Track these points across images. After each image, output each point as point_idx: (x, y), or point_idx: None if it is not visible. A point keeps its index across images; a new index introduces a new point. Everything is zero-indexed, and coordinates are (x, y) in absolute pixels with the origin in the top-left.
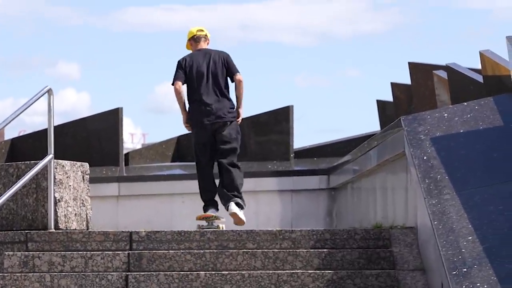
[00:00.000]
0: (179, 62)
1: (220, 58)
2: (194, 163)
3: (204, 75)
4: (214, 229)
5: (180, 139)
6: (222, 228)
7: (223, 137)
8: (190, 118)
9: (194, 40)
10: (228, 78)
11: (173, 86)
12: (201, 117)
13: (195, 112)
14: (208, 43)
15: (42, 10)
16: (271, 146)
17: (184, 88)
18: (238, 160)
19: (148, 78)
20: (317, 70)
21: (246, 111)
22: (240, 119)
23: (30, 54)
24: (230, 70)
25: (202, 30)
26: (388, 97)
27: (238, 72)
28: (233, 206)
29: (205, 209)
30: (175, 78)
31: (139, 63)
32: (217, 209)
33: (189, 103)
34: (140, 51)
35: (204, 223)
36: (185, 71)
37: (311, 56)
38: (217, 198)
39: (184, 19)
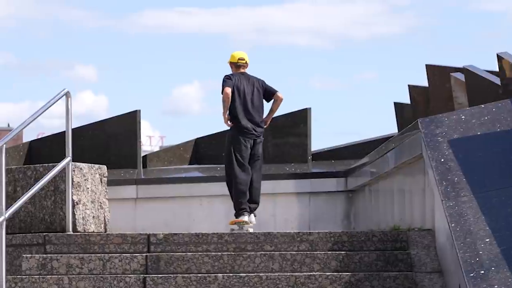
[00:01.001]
0: (228, 76)
1: (259, 83)
2: (211, 165)
3: (249, 95)
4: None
5: (198, 141)
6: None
7: (257, 152)
8: (237, 124)
9: (235, 65)
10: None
11: (224, 90)
12: (248, 127)
13: (242, 121)
14: (247, 68)
15: (57, 13)
16: (288, 149)
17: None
18: None
19: (165, 81)
20: (333, 72)
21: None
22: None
23: (46, 57)
24: (269, 91)
25: (243, 59)
26: (406, 99)
27: (278, 90)
28: (252, 219)
29: (240, 213)
30: (227, 85)
31: (155, 65)
32: (249, 215)
33: (234, 114)
34: (157, 53)
35: (236, 227)
36: (233, 85)
37: (327, 59)
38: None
39: (199, 22)
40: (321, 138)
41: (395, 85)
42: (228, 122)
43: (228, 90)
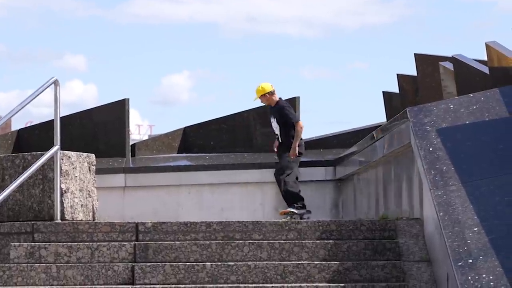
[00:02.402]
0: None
1: None
2: (199, 154)
3: None
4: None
5: (186, 130)
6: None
7: None
8: (301, 150)
9: (271, 93)
10: None
11: (300, 123)
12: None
13: (302, 147)
14: None
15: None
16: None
17: None
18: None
19: (155, 70)
20: (323, 62)
21: (251, 103)
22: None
23: (36, 47)
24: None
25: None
26: (394, 88)
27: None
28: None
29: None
30: (298, 117)
31: (145, 55)
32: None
33: (294, 139)
34: (147, 43)
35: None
36: None
37: (317, 48)
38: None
39: (190, 11)
40: (311, 127)
41: (384, 74)
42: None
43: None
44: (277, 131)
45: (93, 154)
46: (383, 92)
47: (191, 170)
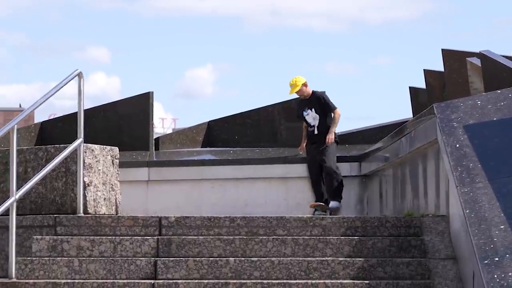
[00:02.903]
0: None
1: None
2: (224, 149)
3: None
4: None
5: (210, 124)
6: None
7: None
8: (337, 139)
9: (306, 85)
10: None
11: (338, 110)
12: None
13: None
14: None
15: None
16: (301, 132)
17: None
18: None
19: (178, 63)
20: (347, 57)
21: (276, 98)
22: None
23: (58, 38)
24: None
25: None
26: (421, 84)
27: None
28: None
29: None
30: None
31: (169, 48)
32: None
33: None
34: (170, 36)
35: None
36: None
37: (342, 43)
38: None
39: (214, 4)
40: None
41: (410, 70)
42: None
43: None
44: (314, 122)
45: (117, 148)
46: (410, 87)
47: (215, 164)
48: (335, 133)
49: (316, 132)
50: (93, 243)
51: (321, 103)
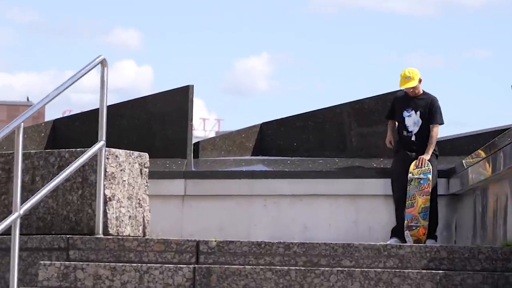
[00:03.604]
0: None
1: None
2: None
3: None
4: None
5: (263, 127)
6: None
7: None
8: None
9: (420, 81)
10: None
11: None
12: None
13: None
14: None
15: None
16: (377, 140)
17: None
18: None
19: (226, 51)
20: (436, 47)
21: (347, 95)
22: None
23: (78, 18)
24: None
25: None
26: None
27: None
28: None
29: None
30: None
31: (215, 32)
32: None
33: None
34: (217, 17)
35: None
36: None
37: (430, 30)
38: None
39: None
40: None
41: None
42: None
43: None
44: (414, 128)
45: (147, 154)
46: None
47: (268, 177)
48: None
49: (413, 139)
50: (114, 272)
51: (431, 109)
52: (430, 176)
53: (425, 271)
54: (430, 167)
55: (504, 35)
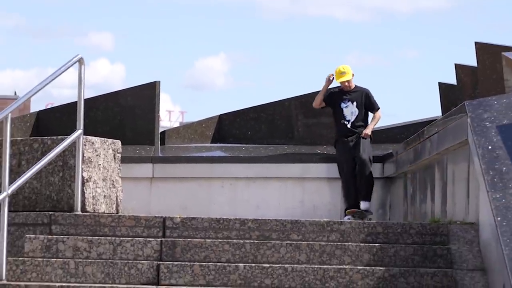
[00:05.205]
0: None
1: None
2: (235, 145)
3: None
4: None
5: (221, 118)
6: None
7: None
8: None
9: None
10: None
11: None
12: None
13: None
14: None
15: None
16: (321, 129)
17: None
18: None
19: (188, 52)
20: (371, 49)
21: (294, 90)
22: None
23: (58, 21)
24: None
25: None
26: (452, 80)
27: None
28: None
29: None
30: None
31: (178, 34)
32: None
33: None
34: (180, 22)
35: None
36: None
37: (366, 34)
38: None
39: None
40: None
41: (440, 64)
42: None
43: None
44: (351, 117)
45: (119, 141)
46: (439, 83)
47: (226, 162)
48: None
49: (349, 126)
50: (91, 244)
51: (366, 99)
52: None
53: (363, 244)
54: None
55: (430, 38)
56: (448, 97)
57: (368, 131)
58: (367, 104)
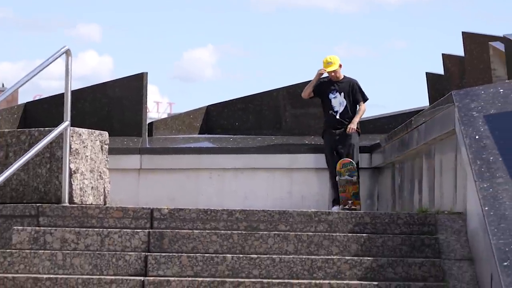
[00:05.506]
0: None
1: None
2: (223, 136)
3: None
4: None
5: (209, 109)
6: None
7: None
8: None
9: (341, 66)
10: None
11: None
12: None
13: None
14: None
15: None
16: (308, 120)
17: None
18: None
19: (176, 43)
20: (360, 39)
21: (282, 81)
22: None
23: (46, 14)
24: None
25: None
26: (439, 69)
27: None
28: None
29: None
30: None
31: (167, 26)
32: None
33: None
34: (169, 13)
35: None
36: None
37: (354, 25)
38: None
39: None
40: None
41: (427, 55)
42: None
43: None
44: (339, 108)
45: (106, 132)
46: (427, 73)
47: (213, 153)
48: (358, 123)
49: (338, 117)
50: (78, 236)
51: (353, 90)
52: (355, 174)
53: (351, 234)
54: (355, 165)
55: (418, 29)
56: (435, 87)
57: (353, 125)
58: (355, 95)
